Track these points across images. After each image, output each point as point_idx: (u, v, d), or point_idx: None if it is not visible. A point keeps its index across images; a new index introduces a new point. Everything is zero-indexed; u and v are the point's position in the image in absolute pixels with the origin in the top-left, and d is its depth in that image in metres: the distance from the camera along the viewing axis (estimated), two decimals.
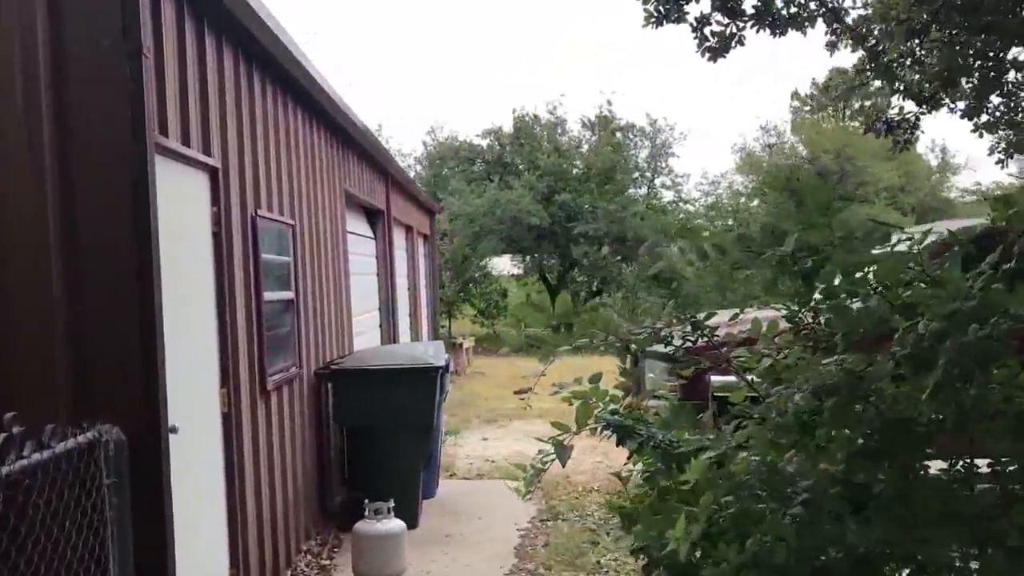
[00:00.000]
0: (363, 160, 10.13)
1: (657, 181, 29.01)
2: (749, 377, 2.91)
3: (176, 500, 3.62)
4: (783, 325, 2.95)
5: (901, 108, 8.38)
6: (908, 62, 7.55)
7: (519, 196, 24.92)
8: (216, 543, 4.44)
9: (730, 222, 35.32)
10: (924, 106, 8.03)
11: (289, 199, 6.08)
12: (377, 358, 6.65)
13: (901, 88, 7.88)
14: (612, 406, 2.99)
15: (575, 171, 26.88)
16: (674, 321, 3.17)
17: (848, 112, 48.95)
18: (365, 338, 10.17)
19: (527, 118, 28.48)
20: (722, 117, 67.43)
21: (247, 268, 4.97)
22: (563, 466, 2.80)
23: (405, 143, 60.97)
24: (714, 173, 44.13)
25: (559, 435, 2.84)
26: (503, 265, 29.70)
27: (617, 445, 6.91)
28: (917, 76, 7.68)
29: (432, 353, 6.79)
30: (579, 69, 62.33)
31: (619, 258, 26.60)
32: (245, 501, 4.73)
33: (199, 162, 4.28)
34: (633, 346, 6.21)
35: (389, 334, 11.74)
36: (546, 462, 2.97)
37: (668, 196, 29.05)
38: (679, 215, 27.74)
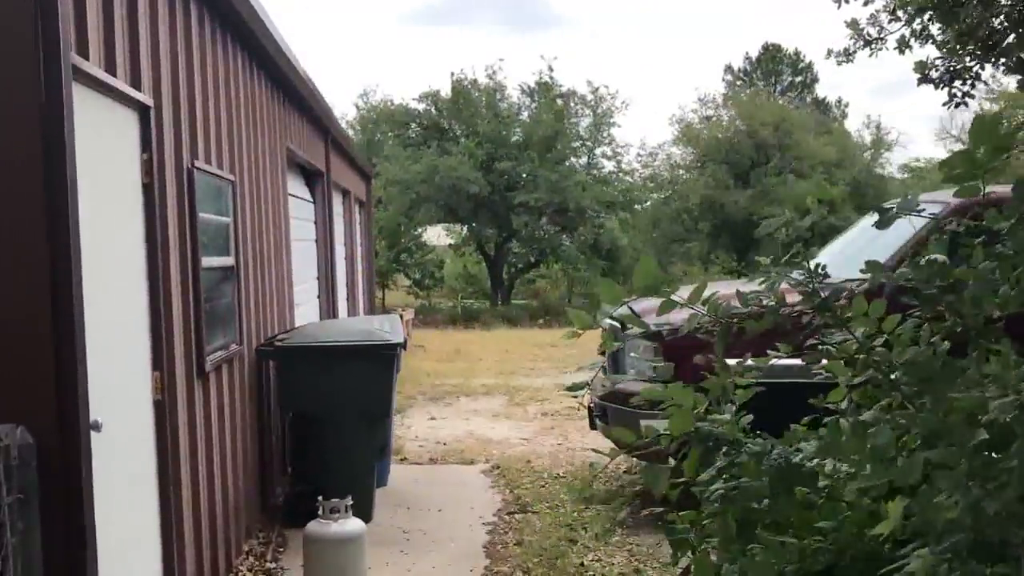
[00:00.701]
0: (304, 116, 9.34)
1: (598, 151, 28.52)
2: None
3: (99, 512, 2.94)
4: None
5: (924, 65, 7.55)
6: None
7: (458, 163, 24.16)
8: (147, 555, 3.75)
9: (666, 194, 35.16)
10: (989, 54, 7.28)
11: (229, 152, 5.34)
12: (327, 334, 5.96)
13: (963, 32, 7.08)
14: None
15: (515, 138, 26.20)
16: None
17: (779, 87, 49.14)
18: (304, 311, 9.43)
19: (466, 82, 27.64)
20: (661, 87, 67.45)
21: (183, 229, 4.25)
22: (658, 494, 2.22)
23: (335, 106, 59.08)
24: (651, 144, 43.98)
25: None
26: (437, 235, 28.96)
27: (592, 428, 6.08)
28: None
29: (388, 328, 6.14)
30: (520, 33, 61.47)
31: (559, 229, 26.09)
32: (181, 502, 4.05)
33: (127, 97, 3.53)
34: (612, 322, 5.54)
35: (328, 307, 11.00)
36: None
37: (609, 166, 28.61)
38: (621, 186, 27.29)
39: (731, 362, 4.17)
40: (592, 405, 6.32)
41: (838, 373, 2.31)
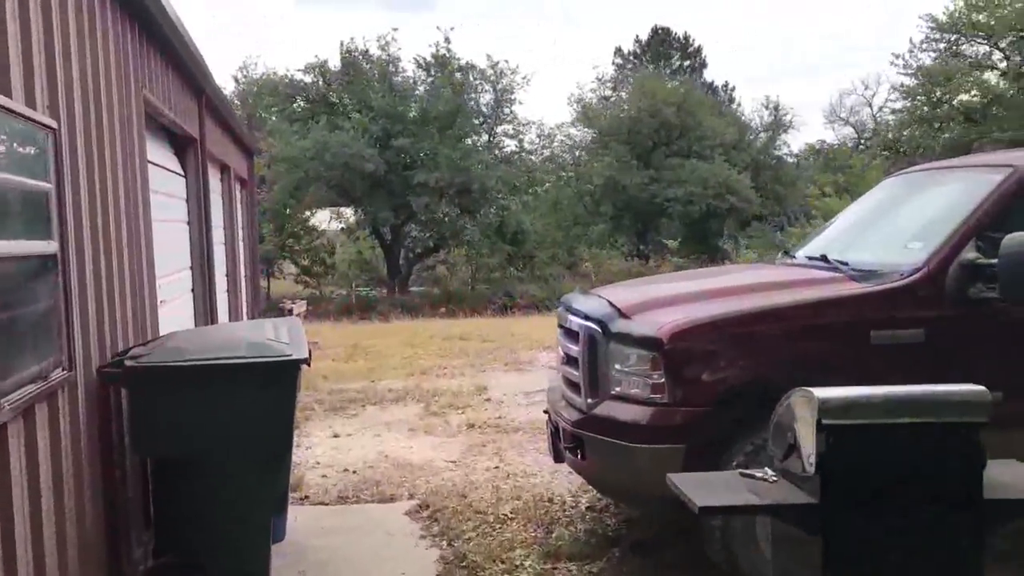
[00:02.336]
0: (171, 64, 7.57)
1: (500, 129, 27.13)
2: None
3: None
4: None
5: None
6: None
7: (351, 139, 22.35)
8: None
9: (567, 176, 34.08)
10: None
11: (48, 85, 3.66)
12: (203, 347, 4.35)
13: None
14: None
15: (412, 114, 24.51)
16: None
17: (668, 71, 48.68)
18: (173, 309, 7.69)
19: (356, 53, 25.76)
20: (556, 68, 66.55)
21: None
22: None
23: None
24: (550, 124, 42.84)
25: None
26: (327, 219, 27.03)
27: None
28: None
29: (287, 337, 4.57)
30: (411, 11, 59.40)
31: (461, 211, 24.59)
32: None
33: None
34: (590, 323, 4.13)
35: (205, 302, 9.23)
36: None
37: (511, 145, 27.26)
38: (524, 167, 25.98)
39: (818, 392, 2.82)
40: (558, 430, 4.90)
41: None
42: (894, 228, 5.03)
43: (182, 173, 9.07)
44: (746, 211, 34.41)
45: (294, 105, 26.70)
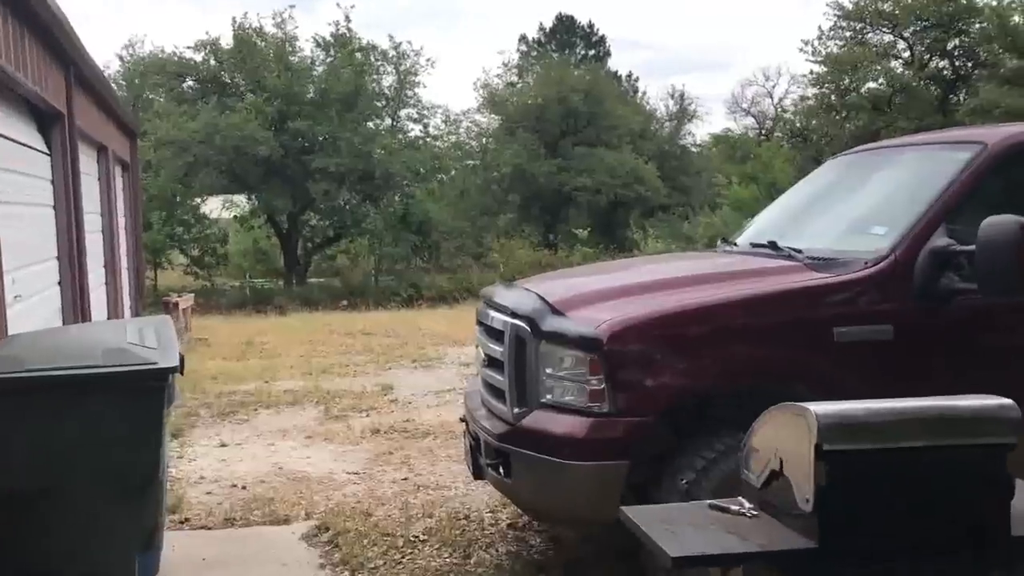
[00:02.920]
0: (27, 27, 6.66)
1: (403, 112, 26.30)
2: None
3: None
4: None
5: None
6: None
7: (243, 121, 21.19)
8: None
9: (472, 163, 33.47)
10: None
11: None
12: (48, 354, 3.60)
13: None
14: None
15: (310, 95, 23.48)
16: None
17: (572, 59, 48.43)
18: (32, 306, 6.80)
19: (249, 30, 24.53)
20: (460, 54, 65.80)
21: None
22: None
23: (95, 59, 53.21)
24: (455, 110, 42.18)
25: None
26: (219, 206, 25.76)
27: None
28: None
29: (153, 340, 3.84)
30: None
31: (363, 199, 23.71)
32: None
33: None
34: (517, 321, 3.50)
35: (74, 297, 8.30)
36: None
37: (416, 130, 26.45)
38: (429, 152, 25.21)
39: (814, 408, 2.30)
40: (478, 442, 4.32)
41: None
42: (849, 212, 4.60)
43: (46, 151, 8.12)
44: (653, 201, 34.46)
45: (183, 85, 25.30)
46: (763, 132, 49.07)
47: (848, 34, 21.45)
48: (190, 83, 25.64)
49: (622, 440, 3.63)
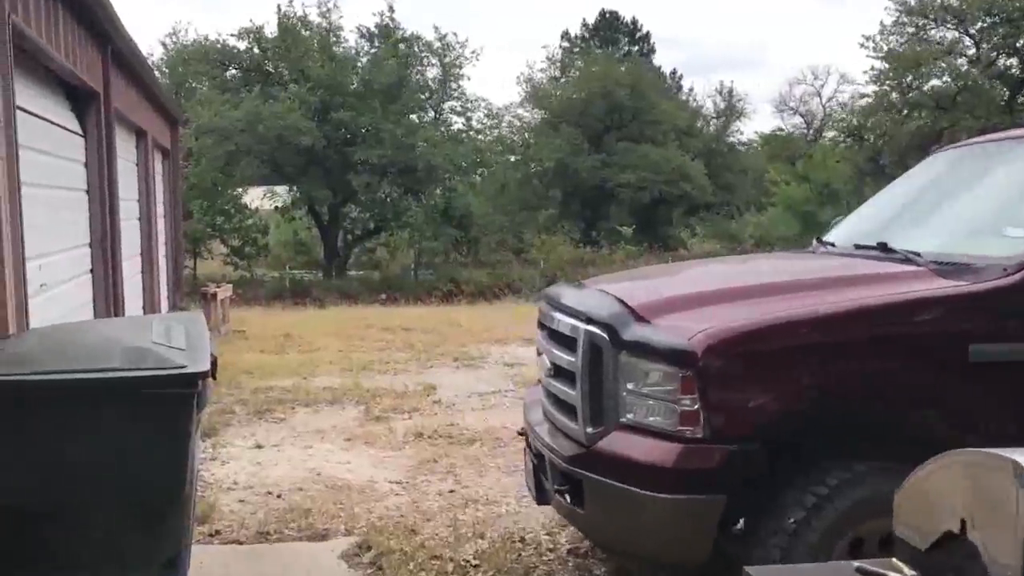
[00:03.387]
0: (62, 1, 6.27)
1: (446, 105, 25.87)
2: None
3: None
4: None
5: None
6: None
7: (286, 110, 20.88)
8: None
9: (513, 158, 32.94)
10: None
11: None
12: (60, 354, 3.15)
13: None
14: None
15: (353, 86, 23.12)
16: None
17: (617, 55, 47.64)
18: (60, 295, 6.41)
19: (294, 19, 24.24)
20: (502, 49, 65.29)
21: None
22: None
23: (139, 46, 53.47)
24: (498, 104, 41.72)
25: None
26: (260, 197, 25.53)
27: None
28: None
29: (180, 341, 3.38)
30: None
31: (404, 192, 23.31)
32: None
33: None
34: (594, 328, 2.87)
35: (107, 285, 7.93)
36: None
37: (459, 123, 26.01)
38: (472, 146, 24.76)
39: (1020, 457, 1.77)
40: (542, 462, 3.82)
41: None
42: (969, 211, 4.02)
43: (80, 132, 7.74)
44: (698, 199, 33.71)
45: (226, 73, 25.08)
46: (812, 132, 48.01)
47: (911, 30, 20.62)
48: (233, 71, 25.44)
49: (717, 470, 3.11)
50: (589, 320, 3.54)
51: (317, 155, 21.83)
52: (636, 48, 50.02)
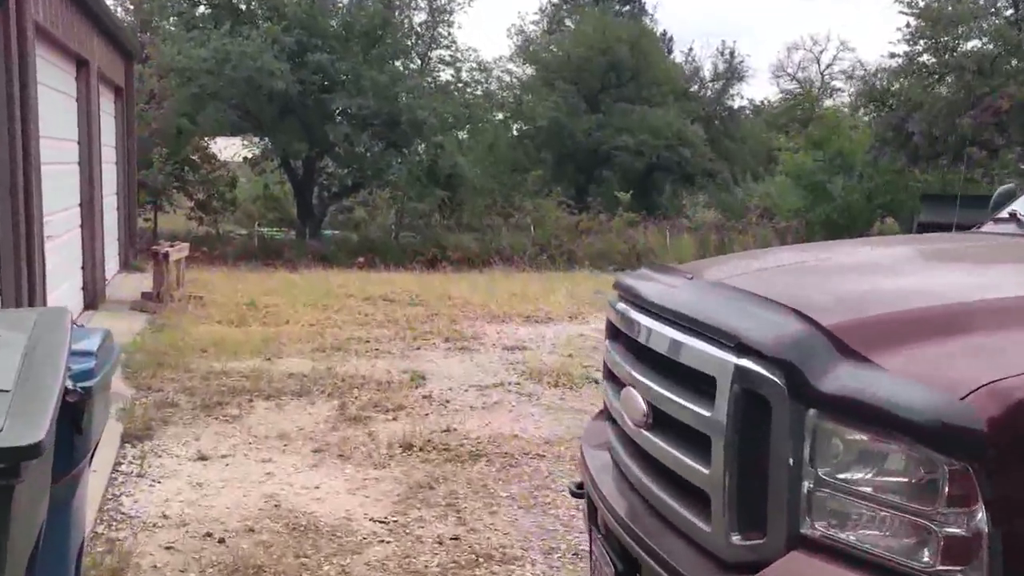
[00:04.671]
0: None
1: (434, 55, 24.13)
2: None
3: None
4: None
5: None
6: None
7: (257, 50, 19.08)
8: None
9: (501, 116, 31.19)
10: None
11: None
12: None
13: None
14: None
15: (333, 26, 21.33)
16: None
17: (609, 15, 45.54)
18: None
19: None
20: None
21: None
22: None
23: None
24: (487, 58, 39.92)
25: None
26: (232, 149, 23.76)
27: None
28: None
29: (6, 373, 1.85)
30: None
31: (387, 146, 21.63)
32: None
33: None
34: (753, 364, 0.75)
35: (16, 242, 6.37)
36: None
37: (447, 74, 24.28)
38: (462, 100, 23.06)
39: None
40: (625, 559, 2.37)
41: None
42: None
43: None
44: (696, 166, 32.19)
45: (195, 9, 23.16)
46: (808, 101, 46.48)
47: None
48: (203, 9, 23.52)
49: None
50: (743, 348, 2.06)
51: (292, 102, 20.11)
52: (627, 8, 48.29)
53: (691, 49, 53.14)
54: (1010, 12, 18.74)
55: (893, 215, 24.93)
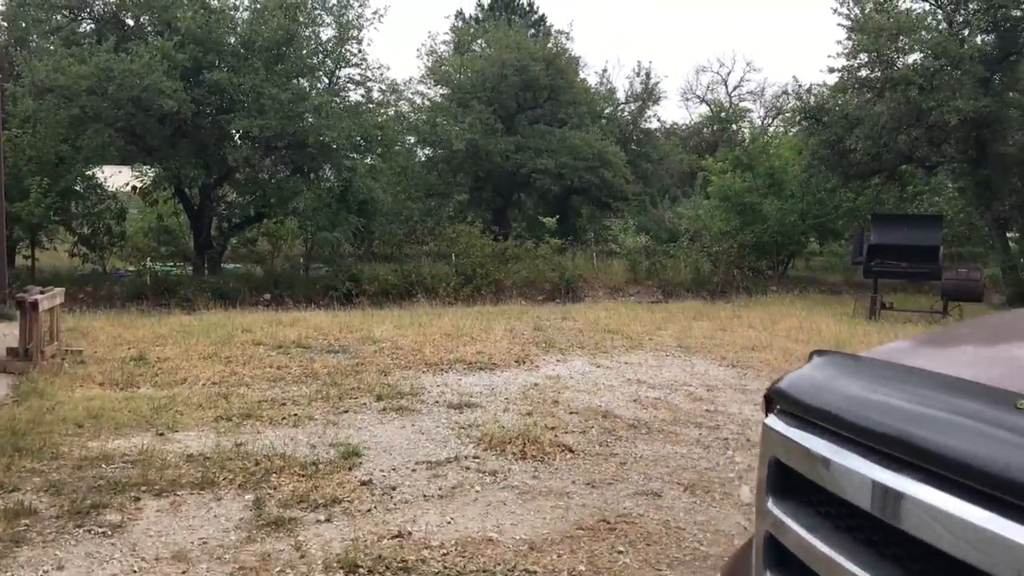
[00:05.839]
0: None
1: (343, 73, 22.60)
2: None
3: None
4: None
5: None
6: None
7: (144, 67, 17.27)
8: None
9: (419, 138, 29.85)
10: None
11: None
12: None
13: None
14: None
15: (232, 42, 19.66)
16: None
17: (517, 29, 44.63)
18: None
19: None
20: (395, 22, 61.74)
21: None
22: None
23: None
24: (401, 78, 38.49)
25: None
26: (121, 178, 21.77)
27: None
28: None
29: None
30: None
31: (294, 171, 20.00)
32: None
33: None
34: None
35: None
36: None
37: (357, 94, 22.76)
38: (374, 121, 21.56)
39: None
40: None
41: None
42: None
43: None
44: (618, 187, 31.33)
45: (77, 24, 21.15)
46: (715, 123, 46.45)
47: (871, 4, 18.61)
48: (87, 25, 21.53)
49: None
50: None
51: (185, 124, 18.34)
52: (532, 32, 47.80)
53: (605, 70, 52.64)
54: (944, 27, 18.32)
55: (831, 236, 24.48)
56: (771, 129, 28.39)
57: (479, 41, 36.77)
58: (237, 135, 19.13)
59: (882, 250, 15.54)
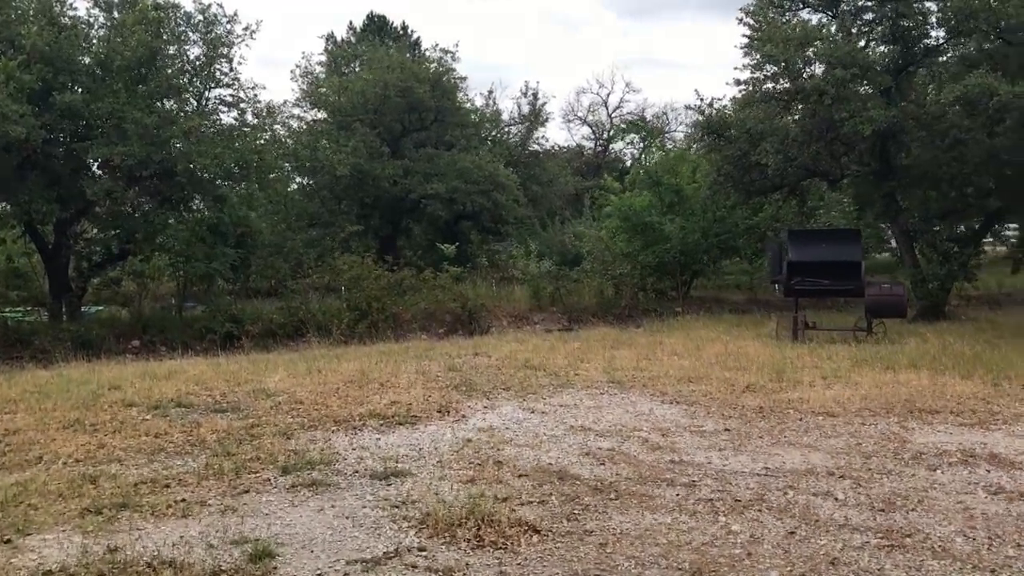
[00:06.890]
0: None
1: (213, 94, 20.91)
2: None
3: None
4: None
5: None
6: None
7: None
8: None
9: (297, 165, 28.19)
10: None
11: None
12: None
13: None
14: None
15: (86, 61, 17.81)
16: None
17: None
18: None
19: None
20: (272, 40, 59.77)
21: None
22: None
23: None
24: (275, 100, 36.66)
25: None
26: None
27: None
28: None
29: None
30: None
31: (161, 202, 18.23)
32: None
33: None
34: None
35: None
36: None
37: (229, 116, 21.09)
38: (250, 146, 19.93)
39: None
40: None
41: None
42: None
43: None
44: (510, 211, 30.45)
45: None
46: (598, 143, 46.45)
47: (771, 14, 18.33)
48: None
49: None
50: None
51: (35, 154, 16.38)
52: (408, 56, 46.96)
53: (491, 91, 51.91)
54: (839, 36, 18.14)
55: (732, 253, 24.14)
56: (657, 151, 28.00)
57: (355, 64, 35.46)
58: (95, 164, 17.26)
59: (802, 267, 15.03)
